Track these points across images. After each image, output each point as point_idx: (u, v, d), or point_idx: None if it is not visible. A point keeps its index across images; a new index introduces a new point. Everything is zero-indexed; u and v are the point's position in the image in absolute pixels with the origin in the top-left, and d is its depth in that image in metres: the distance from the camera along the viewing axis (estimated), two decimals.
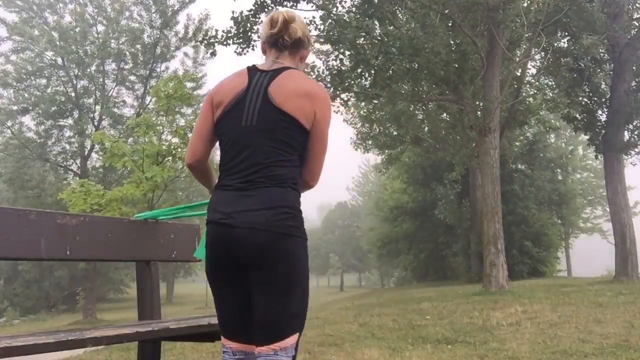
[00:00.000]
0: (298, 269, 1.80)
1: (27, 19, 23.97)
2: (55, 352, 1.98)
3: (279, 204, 1.78)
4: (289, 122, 1.83)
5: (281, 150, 1.83)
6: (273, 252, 1.75)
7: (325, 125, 1.91)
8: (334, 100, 13.82)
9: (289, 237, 1.77)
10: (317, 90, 1.91)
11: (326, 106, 1.91)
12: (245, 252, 1.77)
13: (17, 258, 2.61)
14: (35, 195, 24.27)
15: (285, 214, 1.78)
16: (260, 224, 1.75)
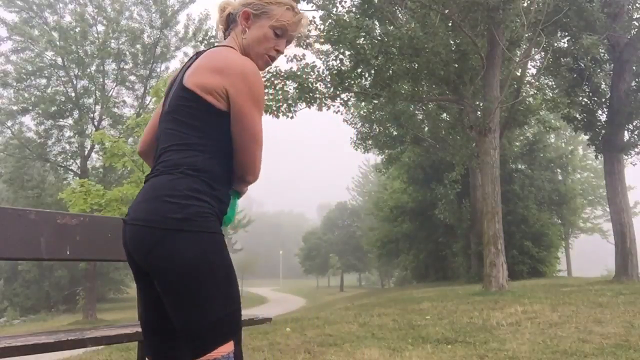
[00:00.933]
0: (195, 270, 1.47)
1: (27, 19, 24.00)
2: (55, 352, 1.98)
3: (161, 192, 1.51)
4: (190, 100, 1.59)
5: (181, 132, 1.58)
6: (158, 253, 1.47)
7: (243, 105, 1.58)
8: (333, 100, 13.82)
9: (175, 232, 1.46)
10: (231, 63, 1.60)
11: (242, 82, 1.58)
12: (134, 252, 1.55)
13: (17, 258, 2.61)
14: (35, 195, 24.30)
15: (168, 204, 1.48)
16: (140, 219, 1.51)
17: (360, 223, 49.35)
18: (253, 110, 1.60)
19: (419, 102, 16.24)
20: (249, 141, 1.62)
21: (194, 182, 1.52)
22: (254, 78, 1.61)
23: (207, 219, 1.51)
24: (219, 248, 1.54)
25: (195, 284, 1.47)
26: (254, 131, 1.62)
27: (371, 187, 51.22)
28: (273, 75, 12.86)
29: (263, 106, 1.66)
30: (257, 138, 1.63)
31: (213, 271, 1.50)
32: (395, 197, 28.89)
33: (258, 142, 1.64)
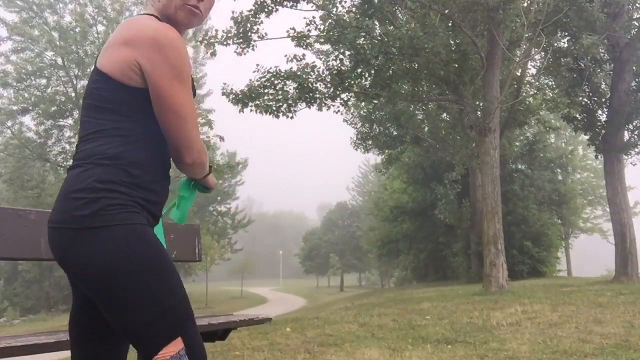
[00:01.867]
0: (113, 269, 1.32)
1: (27, 19, 23.98)
2: (55, 352, 1.98)
3: (68, 188, 1.37)
4: (101, 81, 1.42)
5: (95, 118, 1.42)
6: (71, 257, 1.36)
7: (159, 79, 1.38)
8: (333, 100, 13.82)
9: (84, 231, 1.33)
10: (140, 31, 1.40)
11: (155, 51, 1.38)
12: (54, 256, 1.43)
13: (17, 258, 2.61)
14: (35, 195, 24.28)
15: (74, 201, 1.35)
16: (51, 220, 1.40)
17: (360, 223, 49.38)
18: (172, 83, 1.39)
19: (419, 102, 16.24)
20: (173, 119, 1.41)
21: (104, 172, 1.36)
22: (170, 44, 1.39)
23: (121, 211, 1.35)
24: (138, 239, 1.36)
25: (116, 285, 1.33)
26: (177, 106, 1.40)
27: (371, 187, 51.27)
28: (273, 75, 12.87)
29: (185, 75, 1.42)
30: (182, 113, 1.41)
31: (134, 266, 1.34)
32: (395, 197, 28.90)
33: (184, 117, 1.41)
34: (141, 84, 1.41)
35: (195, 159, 1.47)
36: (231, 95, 12.97)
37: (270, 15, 13.04)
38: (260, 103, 12.98)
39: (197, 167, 1.52)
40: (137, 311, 1.34)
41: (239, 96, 12.90)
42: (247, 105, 12.97)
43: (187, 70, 1.44)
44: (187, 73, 1.44)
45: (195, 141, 1.45)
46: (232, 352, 4.73)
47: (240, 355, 4.52)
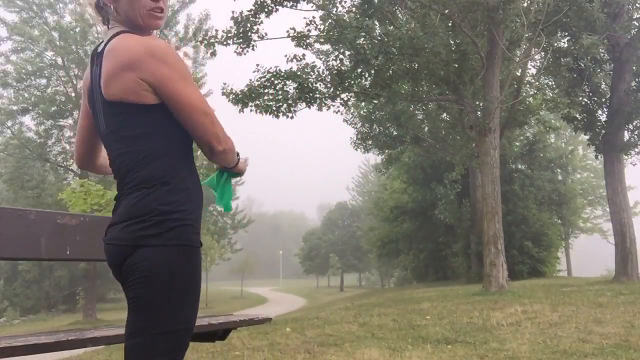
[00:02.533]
0: (153, 277, 1.46)
1: (27, 19, 23.99)
2: (55, 352, 1.98)
3: (135, 213, 1.49)
4: (121, 112, 1.50)
5: (133, 148, 1.51)
6: (126, 265, 1.49)
7: (167, 85, 1.48)
8: (333, 100, 13.82)
9: (144, 248, 1.46)
10: (134, 53, 1.47)
11: (154, 64, 1.47)
12: (113, 269, 1.57)
13: (17, 258, 2.61)
14: (35, 195, 24.28)
15: (140, 223, 1.47)
16: (115, 238, 1.53)
17: (360, 223, 49.36)
18: (179, 84, 1.49)
19: (419, 102, 16.24)
20: (197, 117, 1.50)
21: (164, 194, 1.49)
22: (164, 53, 1.49)
23: (185, 231, 1.50)
24: (188, 260, 1.50)
25: (148, 292, 1.46)
26: (192, 103, 1.50)
27: (371, 187, 51.25)
28: (273, 75, 12.87)
29: (188, 74, 1.54)
30: (198, 108, 1.51)
31: (172, 283, 1.47)
32: (395, 197, 28.89)
33: (201, 110, 1.51)
34: (156, 100, 1.49)
35: (225, 145, 1.57)
36: (231, 95, 12.96)
37: (270, 15, 13.03)
38: (260, 103, 12.97)
39: (229, 153, 1.61)
40: (160, 320, 1.47)
41: (239, 96, 12.89)
42: (247, 105, 12.97)
43: (188, 70, 1.56)
44: (189, 72, 1.56)
45: (220, 129, 1.55)
46: (232, 352, 4.74)
47: (240, 355, 4.52)
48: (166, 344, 1.47)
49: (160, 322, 1.47)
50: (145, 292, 1.46)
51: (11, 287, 31.07)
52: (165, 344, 1.47)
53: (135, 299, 1.48)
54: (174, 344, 1.50)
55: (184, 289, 1.50)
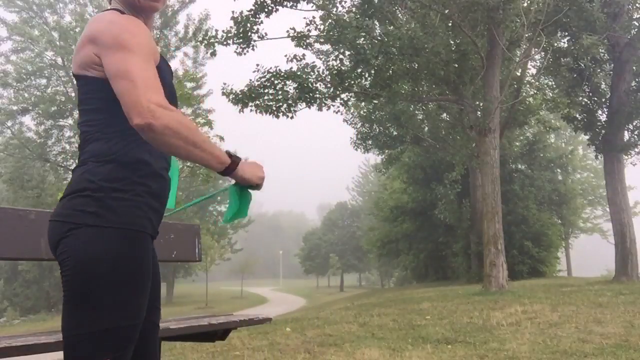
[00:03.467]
0: (92, 268, 1.31)
1: (27, 19, 24.00)
2: (55, 352, 1.98)
3: (74, 187, 1.38)
4: (81, 84, 1.43)
5: (88, 123, 1.43)
6: (61, 248, 1.36)
7: (106, 52, 1.35)
8: (333, 100, 13.82)
9: (81, 228, 1.33)
10: (98, 26, 1.39)
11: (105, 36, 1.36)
12: (50, 248, 1.45)
13: (17, 258, 2.61)
14: (35, 195, 24.27)
15: (78, 198, 1.36)
16: (55, 214, 1.41)
17: (360, 223, 49.39)
18: (114, 53, 1.32)
19: (419, 102, 16.24)
20: (114, 83, 1.32)
21: (108, 170, 1.37)
22: (117, 26, 1.36)
23: (125, 212, 1.35)
24: (132, 247, 1.36)
25: (87, 284, 1.31)
26: (116, 68, 1.31)
27: (371, 187, 51.26)
28: (273, 75, 12.87)
29: (130, 43, 1.34)
30: (120, 72, 1.31)
31: (114, 272, 1.32)
32: (395, 197, 28.89)
33: (122, 74, 1.30)
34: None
35: (142, 119, 1.25)
36: (231, 95, 12.97)
37: (270, 15, 13.03)
38: (260, 103, 12.98)
39: (160, 132, 1.27)
40: (99, 314, 1.31)
41: (239, 96, 12.90)
42: (247, 105, 12.97)
43: (131, 39, 1.35)
44: (131, 42, 1.35)
45: (144, 100, 1.26)
46: (232, 352, 4.74)
47: (240, 355, 4.52)
48: (108, 343, 1.31)
49: (101, 318, 1.31)
50: (82, 283, 1.31)
51: (11, 287, 31.08)
52: (107, 342, 1.31)
53: (70, 290, 1.33)
54: (117, 343, 1.33)
55: (128, 280, 1.34)
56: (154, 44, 1.44)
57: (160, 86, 1.33)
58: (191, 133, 1.31)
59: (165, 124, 1.26)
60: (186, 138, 1.30)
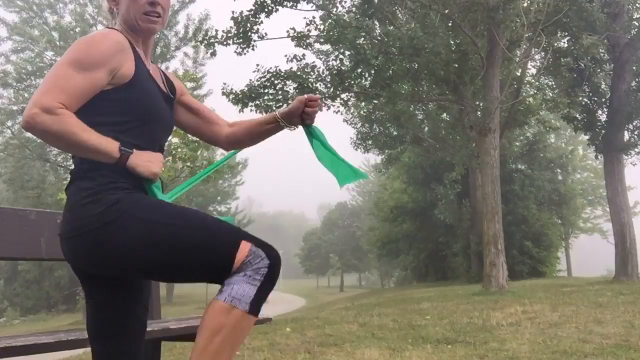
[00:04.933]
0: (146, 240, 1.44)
1: (27, 19, 24.00)
2: (55, 352, 1.98)
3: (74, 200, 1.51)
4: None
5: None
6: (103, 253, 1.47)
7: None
8: (333, 100, 13.83)
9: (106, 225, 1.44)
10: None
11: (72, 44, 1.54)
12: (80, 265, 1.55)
13: (17, 258, 2.61)
14: (35, 195, 24.27)
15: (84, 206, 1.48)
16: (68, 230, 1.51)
17: (360, 223, 49.38)
18: (60, 62, 1.49)
19: (419, 102, 16.24)
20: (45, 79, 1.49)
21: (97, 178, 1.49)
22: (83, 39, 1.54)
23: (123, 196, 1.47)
24: (148, 206, 1.49)
25: (160, 250, 1.44)
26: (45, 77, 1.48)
27: (371, 187, 51.25)
28: (273, 75, 12.87)
29: (77, 49, 1.50)
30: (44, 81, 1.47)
31: (161, 228, 1.45)
32: (395, 197, 28.90)
33: (42, 82, 1.47)
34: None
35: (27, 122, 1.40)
36: (231, 95, 12.97)
37: (270, 15, 13.04)
38: (260, 103, 12.98)
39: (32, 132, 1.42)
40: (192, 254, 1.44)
41: (239, 96, 12.90)
42: (247, 105, 12.97)
43: (81, 48, 1.50)
44: (78, 49, 1.50)
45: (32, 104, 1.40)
46: None
47: (241, 355, 4.51)
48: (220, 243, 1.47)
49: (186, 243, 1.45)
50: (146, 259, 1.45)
51: (11, 287, 31.08)
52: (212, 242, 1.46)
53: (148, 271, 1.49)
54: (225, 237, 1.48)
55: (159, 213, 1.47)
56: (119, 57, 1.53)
57: (67, 90, 1.44)
58: (71, 136, 1.42)
59: (43, 128, 1.40)
60: (67, 140, 1.43)
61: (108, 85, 1.52)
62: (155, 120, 1.63)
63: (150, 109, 1.62)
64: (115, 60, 1.51)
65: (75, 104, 1.45)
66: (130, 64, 1.56)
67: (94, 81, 1.48)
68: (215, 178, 16.04)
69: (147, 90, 1.61)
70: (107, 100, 1.52)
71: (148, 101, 1.61)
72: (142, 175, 1.55)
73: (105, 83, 1.51)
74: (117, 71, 1.52)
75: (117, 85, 1.54)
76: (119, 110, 1.55)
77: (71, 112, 1.44)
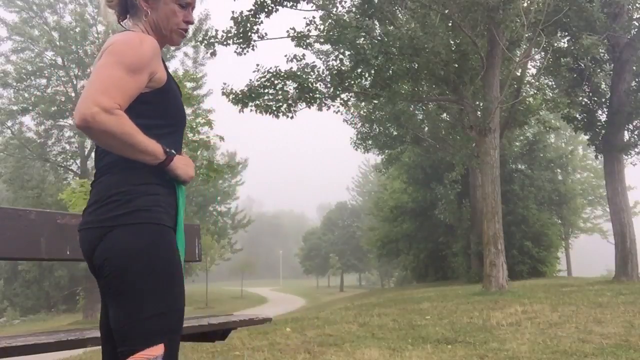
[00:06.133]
0: (133, 261, 1.45)
1: (27, 19, 24.00)
2: (55, 352, 1.98)
3: (99, 196, 1.53)
4: None
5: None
6: (100, 249, 1.49)
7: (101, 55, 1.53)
8: (333, 100, 13.83)
9: (118, 227, 1.47)
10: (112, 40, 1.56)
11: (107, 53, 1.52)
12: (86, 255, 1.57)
13: (17, 258, 2.61)
14: (35, 195, 24.27)
15: (110, 204, 1.50)
16: (87, 222, 1.54)
17: (360, 223, 49.37)
18: (105, 57, 1.50)
19: (419, 102, 16.23)
20: (88, 82, 1.50)
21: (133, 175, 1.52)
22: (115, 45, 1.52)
23: (153, 211, 1.51)
24: (166, 240, 1.52)
25: (130, 276, 1.45)
26: (95, 71, 1.49)
27: (371, 187, 51.26)
28: (273, 75, 12.86)
29: (121, 50, 1.51)
30: (94, 76, 1.48)
31: (152, 264, 1.47)
32: (395, 197, 28.88)
33: (93, 79, 1.48)
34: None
35: (84, 121, 1.41)
36: (231, 95, 12.96)
37: (270, 15, 13.03)
38: (260, 103, 12.97)
39: (88, 133, 1.45)
40: (144, 304, 1.45)
41: (239, 96, 12.89)
42: (247, 105, 12.97)
43: (124, 49, 1.51)
44: (123, 50, 1.51)
45: (90, 102, 1.41)
46: (232, 352, 4.74)
47: (240, 355, 4.52)
48: (160, 326, 1.46)
49: (149, 306, 1.45)
50: (127, 277, 1.45)
51: (11, 287, 31.07)
52: (158, 326, 1.46)
53: (116, 286, 1.47)
54: (168, 327, 1.49)
55: (167, 268, 1.50)
56: (156, 61, 1.58)
57: (122, 91, 1.46)
58: (127, 137, 1.45)
59: (102, 129, 1.42)
60: (122, 141, 1.45)
61: (146, 88, 1.56)
62: (183, 124, 1.72)
63: (181, 113, 1.69)
64: (154, 64, 1.56)
65: (126, 105, 1.49)
66: (162, 69, 1.62)
67: (140, 84, 1.52)
68: (215, 178, 16.01)
69: (177, 94, 1.68)
70: (146, 103, 1.56)
71: (179, 105, 1.68)
72: (179, 177, 1.59)
73: (144, 86, 1.55)
74: (154, 75, 1.57)
75: (153, 89, 1.58)
76: (157, 113, 1.59)
77: (125, 114, 1.47)
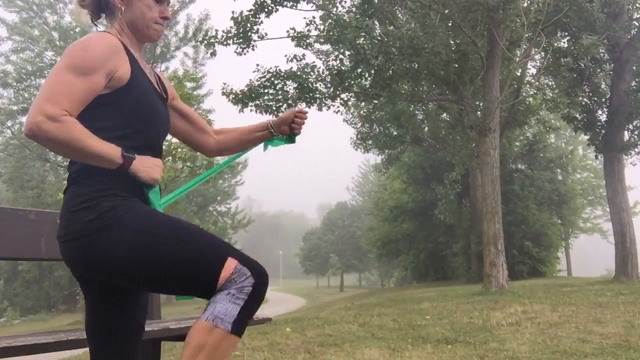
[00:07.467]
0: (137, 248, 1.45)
1: (27, 19, 24.02)
2: (55, 352, 1.98)
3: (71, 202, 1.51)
4: None
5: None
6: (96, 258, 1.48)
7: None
8: (333, 100, 13.84)
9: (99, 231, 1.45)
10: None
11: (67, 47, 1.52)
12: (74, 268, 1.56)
13: (17, 258, 2.61)
14: (35, 195, 24.29)
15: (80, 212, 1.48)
16: (64, 235, 1.52)
17: (360, 223, 49.38)
18: (57, 66, 1.48)
19: (419, 102, 16.23)
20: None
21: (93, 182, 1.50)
22: (71, 46, 1.51)
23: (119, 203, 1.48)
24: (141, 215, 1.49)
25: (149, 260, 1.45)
26: (44, 83, 1.46)
27: (371, 187, 51.29)
28: (273, 75, 12.87)
29: (73, 53, 1.49)
30: (44, 84, 1.46)
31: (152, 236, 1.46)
32: (395, 197, 28.90)
33: (42, 87, 1.46)
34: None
35: (31, 130, 1.38)
36: (231, 95, 12.97)
37: (270, 15, 13.04)
38: (260, 103, 12.98)
39: (36, 140, 1.42)
40: (177, 268, 1.45)
41: (239, 96, 12.90)
42: (247, 105, 12.97)
43: (76, 52, 1.49)
44: (74, 53, 1.49)
45: (36, 112, 1.38)
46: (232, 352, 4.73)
47: (240, 355, 4.51)
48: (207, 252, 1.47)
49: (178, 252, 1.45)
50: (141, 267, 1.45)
51: (11, 287, 31.08)
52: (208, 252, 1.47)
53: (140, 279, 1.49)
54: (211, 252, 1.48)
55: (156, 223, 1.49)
56: (115, 60, 1.53)
57: (70, 97, 1.43)
58: (76, 143, 1.42)
59: (48, 137, 1.39)
60: (71, 147, 1.43)
61: (105, 89, 1.52)
62: (153, 122, 1.63)
63: (149, 111, 1.62)
64: (111, 63, 1.51)
65: (76, 109, 1.45)
66: (125, 67, 1.56)
67: (93, 86, 1.48)
68: (215, 178, 16.01)
69: (145, 92, 1.61)
70: (106, 104, 1.52)
71: (146, 103, 1.61)
72: (143, 181, 1.55)
73: (102, 87, 1.50)
74: (114, 74, 1.52)
75: (114, 89, 1.53)
76: (118, 114, 1.54)
77: (74, 119, 1.44)
